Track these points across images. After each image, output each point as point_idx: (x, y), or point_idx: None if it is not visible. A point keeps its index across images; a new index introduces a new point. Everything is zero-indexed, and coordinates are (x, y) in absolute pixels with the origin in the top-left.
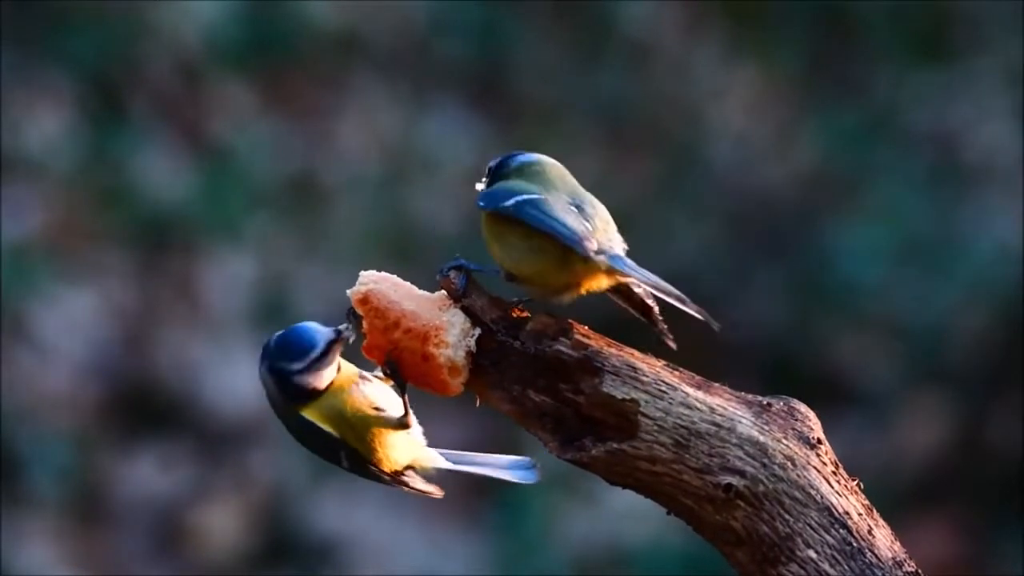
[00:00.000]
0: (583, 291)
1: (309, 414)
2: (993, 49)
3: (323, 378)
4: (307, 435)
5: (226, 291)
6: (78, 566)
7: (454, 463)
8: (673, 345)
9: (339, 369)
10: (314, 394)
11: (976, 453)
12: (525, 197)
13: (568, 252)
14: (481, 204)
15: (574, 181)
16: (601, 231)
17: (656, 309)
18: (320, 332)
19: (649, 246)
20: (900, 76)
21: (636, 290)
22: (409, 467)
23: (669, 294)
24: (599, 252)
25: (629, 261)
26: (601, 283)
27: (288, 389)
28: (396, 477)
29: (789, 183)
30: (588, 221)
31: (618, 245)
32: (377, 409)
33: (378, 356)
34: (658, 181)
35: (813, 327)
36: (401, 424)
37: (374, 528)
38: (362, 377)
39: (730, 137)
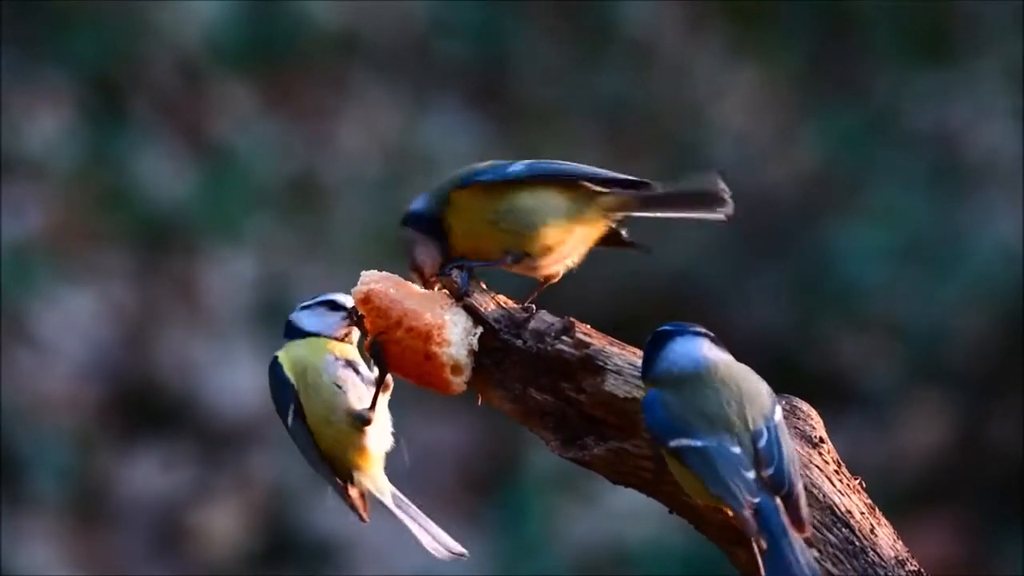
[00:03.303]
0: (588, 246)
1: (281, 356)
2: (993, 49)
3: (317, 325)
4: (271, 379)
5: (226, 291)
6: (78, 566)
7: (396, 507)
8: (649, 248)
9: (341, 339)
10: (292, 331)
11: (976, 453)
12: (527, 161)
13: (579, 200)
14: (488, 178)
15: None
16: None
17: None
18: (339, 297)
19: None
20: (901, 77)
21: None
22: (353, 470)
23: (697, 195)
24: (626, 180)
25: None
26: (601, 229)
27: (288, 328)
28: (333, 468)
29: (789, 183)
30: None
31: None
32: (337, 386)
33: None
34: (658, 181)
35: (814, 327)
36: (360, 417)
37: (374, 528)
38: (350, 362)
39: (730, 137)
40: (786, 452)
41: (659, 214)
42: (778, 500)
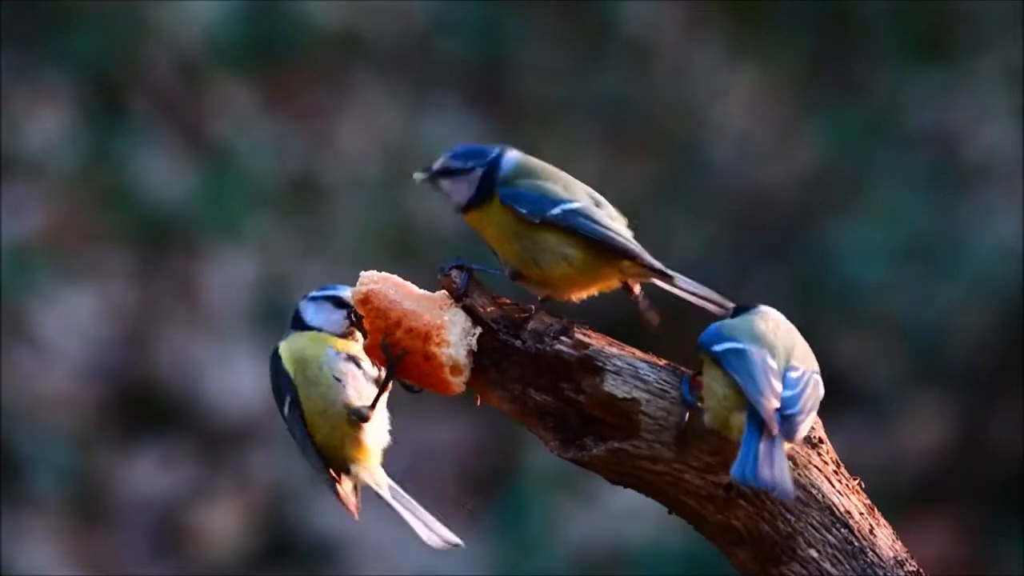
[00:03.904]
0: (589, 293)
1: (282, 348)
2: (993, 49)
3: (318, 319)
4: (271, 368)
5: (226, 291)
6: (78, 566)
7: (393, 499)
8: (656, 320)
9: (345, 336)
10: (298, 321)
11: (976, 453)
12: (571, 206)
13: (599, 259)
14: (524, 212)
15: (562, 173)
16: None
17: (637, 289)
18: (347, 295)
19: (650, 246)
20: (901, 76)
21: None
22: (350, 463)
23: (707, 299)
24: (647, 260)
25: (681, 277)
26: (611, 284)
27: (296, 314)
28: (332, 462)
29: (789, 183)
30: (615, 219)
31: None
32: (336, 379)
33: (380, 356)
34: (658, 181)
35: (814, 327)
36: (359, 414)
37: (374, 528)
38: (352, 356)
39: (730, 137)
40: (809, 391)
41: (670, 289)
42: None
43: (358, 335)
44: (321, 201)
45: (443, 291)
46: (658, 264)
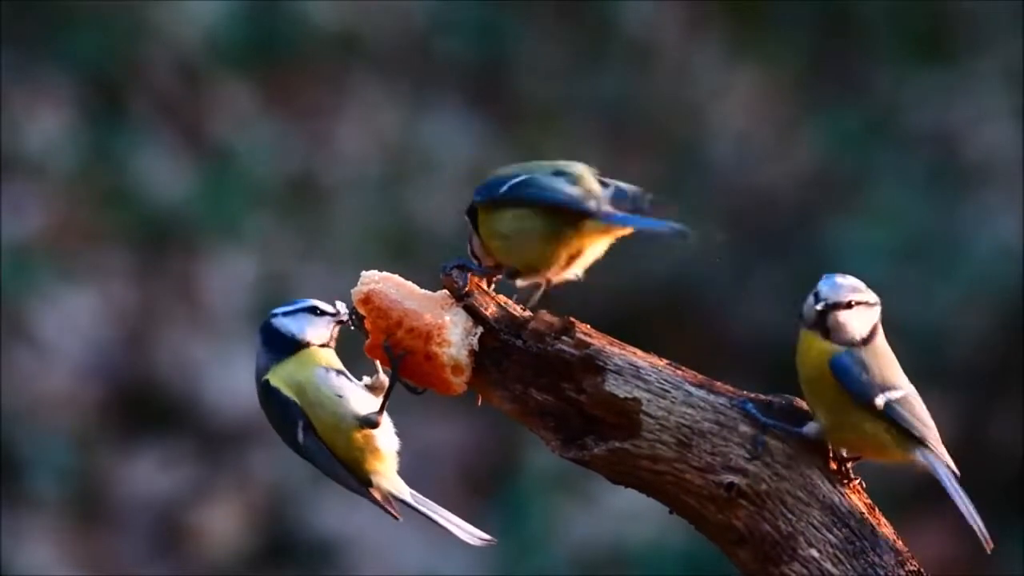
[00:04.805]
0: (581, 263)
1: (273, 379)
2: (993, 49)
3: (305, 332)
4: (270, 403)
5: (226, 291)
6: (78, 566)
7: (415, 503)
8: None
9: (324, 346)
10: (289, 344)
11: (977, 453)
12: (516, 180)
13: (558, 224)
14: (479, 199)
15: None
16: (588, 188)
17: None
18: (319, 303)
19: (649, 246)
20: (901, 76)
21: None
22: (372, 474)
23: (664, 233)
24: (596, 212)
25: (619, 214)
26: (596, 244)
27: (269, 335)
28: (356, 475)
29: (789, 183)
30: (577, 183)
31: (605, 199)
32: (338, 395)
33: (381, 355)
34: (658, 181)
35: None
36: (368, 421)
37: (374, 528)
38: (340, 371)
39: (730, 137)
40: None
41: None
42: None
43: (332, 342)
44: (321, 201)
45: (444, 291)
46: (609, 210)
